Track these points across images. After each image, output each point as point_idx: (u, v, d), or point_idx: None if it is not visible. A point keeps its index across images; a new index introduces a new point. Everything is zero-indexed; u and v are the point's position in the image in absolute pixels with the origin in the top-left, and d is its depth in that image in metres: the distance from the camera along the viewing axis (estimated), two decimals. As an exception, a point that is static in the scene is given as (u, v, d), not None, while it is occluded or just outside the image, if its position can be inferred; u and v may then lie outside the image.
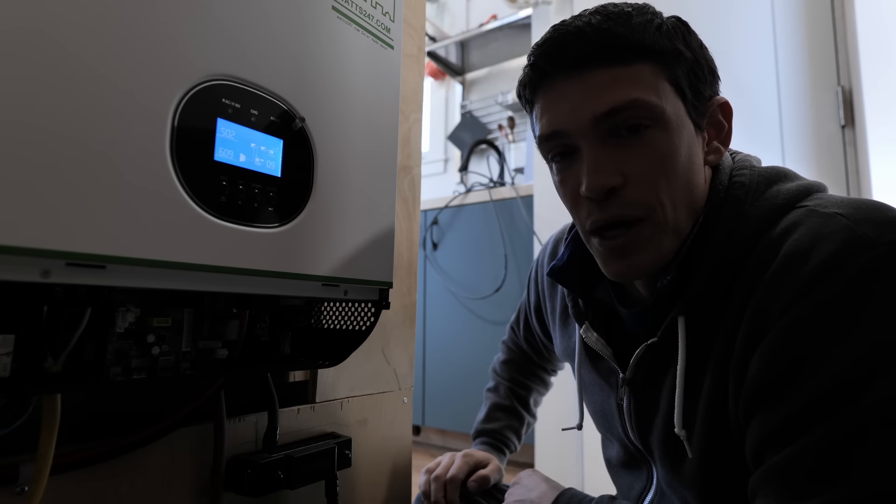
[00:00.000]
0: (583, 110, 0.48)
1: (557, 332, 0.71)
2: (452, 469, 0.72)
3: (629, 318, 0.57)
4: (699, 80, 0.50)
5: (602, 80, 0.47)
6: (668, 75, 0.48)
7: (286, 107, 0.43)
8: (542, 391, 0.90)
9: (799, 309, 0.40)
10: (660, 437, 0.53)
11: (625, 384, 0.56)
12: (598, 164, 0.48)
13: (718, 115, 0.52)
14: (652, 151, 0.47)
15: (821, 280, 0.40)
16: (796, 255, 0.42)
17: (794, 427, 0.39)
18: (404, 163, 0.75)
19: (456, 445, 2.17)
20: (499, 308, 2.06)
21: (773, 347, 0.41)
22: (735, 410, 0.45)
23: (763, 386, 0.42)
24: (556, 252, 0.74)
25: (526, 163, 2.42)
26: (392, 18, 0.54)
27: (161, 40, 0.35)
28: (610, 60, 0.47)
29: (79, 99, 0.31)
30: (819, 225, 0.42)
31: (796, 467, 0.39)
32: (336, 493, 0.56)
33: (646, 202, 0.48)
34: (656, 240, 0.48)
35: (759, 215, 0.47)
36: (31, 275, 0.29)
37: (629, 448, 0.60)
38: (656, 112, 0.47)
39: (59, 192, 0.30)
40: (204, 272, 0.37)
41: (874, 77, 1.49)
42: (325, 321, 0.57)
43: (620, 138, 0.48)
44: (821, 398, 0.38)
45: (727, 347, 0.46)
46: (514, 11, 2.44)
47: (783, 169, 0.51)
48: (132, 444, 0.43)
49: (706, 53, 0.52)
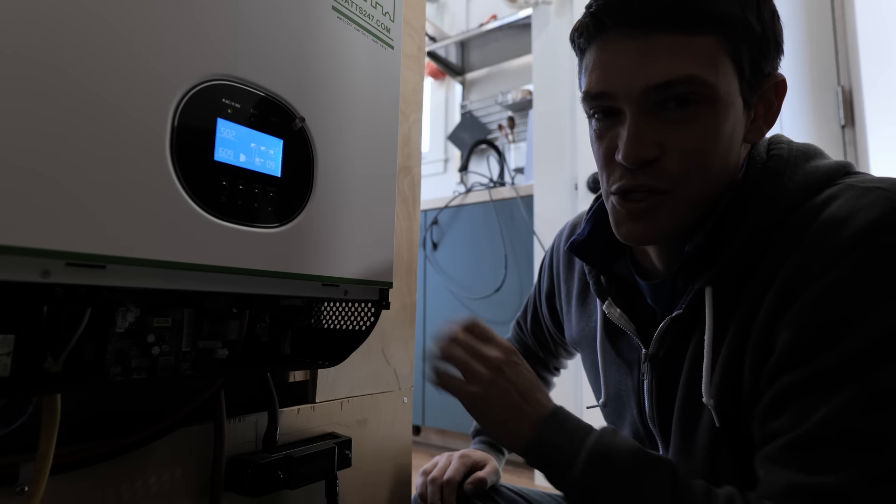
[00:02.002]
0: (636, 77, 0.46)
1: (574, 314, 0.71)
2: (449, 471, 0.72)
3: (650, 291, 0.57)
4: (762, 55, 0.48)
5: (662, 47, 0.45)
6: (731, 50, 0.46)
7: (286, 107, 0.43)
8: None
9: (838, 271, 0.40)
10: (679, 411, 0.53)
11: (647, 360, 0.56)
12: (638, 133, 0.47)
13: (771, 93, 0.50)
14: (695, 128, 0.47)
15: (860, 244, 0.40)
16: (835, 221, 0.42)
17: (827, 381, 0.40)
18: (404, 163, 0.75)
19: (456, 445, 2.17)
20: (499, 308, 2.06)
21: (810, 308, 0.41)
22: (753, 377, 0.46)
23: (797, 346, 0.42)
24: (573, 235, 0.74)
25: (526, 163, 2.42)
26: (392, 18, 0.54)
27: (161, 40, 0.35)
28: (674, 26, 0.45)
29: (78, 99, 0.31)
30: (858, 196, 0.43)
31: (830, 428, 0.39)
32: (336, 493, 0.56)
33: (677, 176, 0.47)
34: (677, 212, 0.49)
35: (798, 188, 0.47)
36: (31, 275, 0.29)
37: (639, 431, 0.60)
38: (710, 91, 0.45)
39: (59, 192, 0.30)
40: (204, 272, 0.37)
41: (874, 77, 1.49)
42: (325, 321, 0.57)
43: (666, 110, 0.47)
44: (858, 356, 0.39)
45: (748, 316, 0.46)
46: (514, 11, 2.44)
47: (815, 146, 0.51)
48: (132, 444, 0.43)
49: (776, 25, 0.49)
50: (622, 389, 0.62)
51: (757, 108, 0.50)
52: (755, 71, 0.48)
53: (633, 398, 0.60)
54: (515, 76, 2.83)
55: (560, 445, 0.48)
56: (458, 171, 2.69)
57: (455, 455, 0.75)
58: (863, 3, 1.51)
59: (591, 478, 0.46)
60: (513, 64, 2.84)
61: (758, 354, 0.45)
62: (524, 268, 2.00)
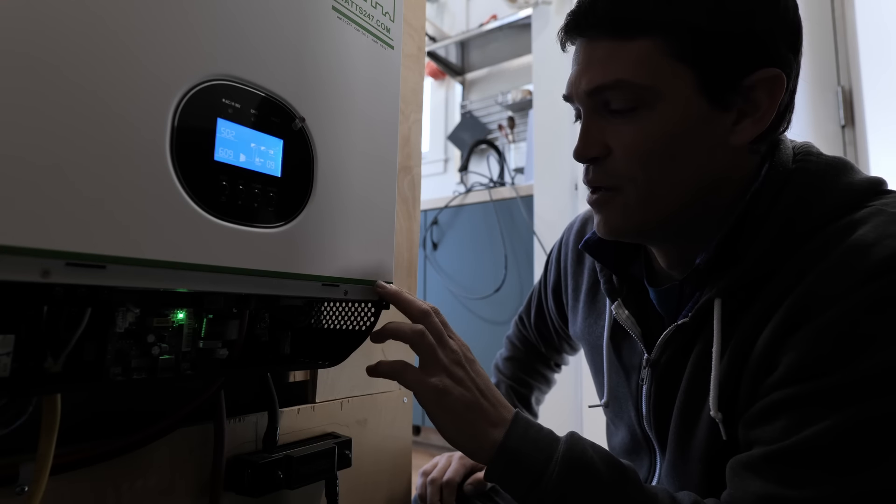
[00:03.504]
0: (581, 82, 0.51)
1: (581, 310, 0.70)
2: (449, 472, 0.72)
3: (657, 297, 0.57)
4: (726, 53, 0.46)
5: (601, 55, 0.49)
6: (674, 50, 0.46)
7: (286, 107, 0.43)
8: (545, 389, 0.89)
9: (856, 298, 0.40)
10: (678, 420, 0.53)
11: (648, 366, 0.56)
12: (586, 133, 0.51)
13: (760, 90, 0.47)
14: (637, 129, 0.48)
15: (882, 273, 0.40)
16: (860, 248, 0.41)
17: (825, 400, 0.40)
18: (404, 163, 0.75)
19: (456, 445, 2.16)
20: (499, 308, 2.06)
21: (822, 331, 0.41)
22: (750, 391, 0.45)
23: (802, 365, 0.41)
24: (583, 230, 0.74)
25: (526, 163, 2.42)
26: (392, 18, 0.54)
27: (161, 40, 0.35)
28: (611, 33, 0.48)
29: (78, 99, 0.31)
30: (886, 222, 0.42)
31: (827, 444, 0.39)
32: (336, 493, 0.56)
33: (623, 175, 0.50)
34: (633, 209, 0.50)
35: (827, 208, 0.46)
36: (31, 275, 0.29)
37: (636, 434, 0.60)
38: (645, 93, 0.47)
39: (59, 193, 0.30)
40: (204, 272, 0.37)
41: (874, 77, 1.49)
42: (325, 321, 0.57)
43: (610, 113, 0.49)
44: (861, 381, 0.39)
45: (753, 331, 0.46)
46: (514, 11, 2.44)
47: (845, 159, 0.50)
48: (132, 444, 0.43)
49: (753, 23, 0.46)
50: (620, 392, 0.62)
51: (743, 107, 0.48)
52: (723, 69, 0.46)
53: (630, 401, 0.60)
54: (515, 76, 2.83)
55: (528, 453, 0.46)
56: (458, 171, 2.69)
57: (455, 455, 0.75)
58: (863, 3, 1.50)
59: (565, 486, 0.44)
60: (513, 64, 2.84)
61: (759, 370, 0.45)
62: (524, 268, 2.00)
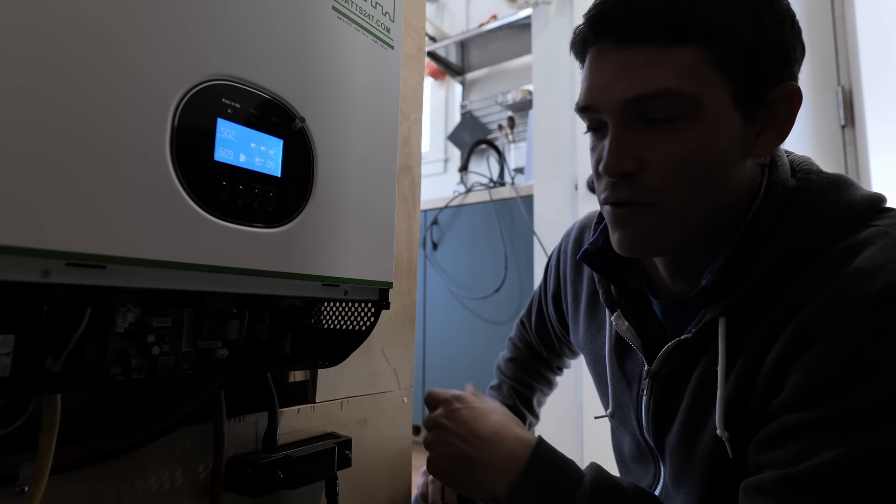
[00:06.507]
0: (615, 90, 0.46)
1: (583, 319, 0.70)
2: None
3: (661, 310, 0.56)
4: (762, 65, 0.45)
5: (640, 60, 0.45)
6: (719, 61, 0.44)
7: (286, 107, 0.43)
8: (547, 391, 0.89)
9: (861, 322, 0.39)
10: (676, 436, 0.52)
11: (648, 377, 0.55)
12: (619, 146, 0.47)
13: (782, 104, 0.47)
14: (676, 141, 0.46)
15: (887, 299, 0.39)
16: (865, 272, 0.41)
17: (835, 427, 0.39)
18: (404, 163, 0.75)
19: (456, 445, 2.16)
20: (499, 308, 2.06)
21: (828, 354, 0.40)
22: (758, 411, 0.45)
23: (810, 389, 0.41)
24: (581, 238, 0.73)
25: (526, 163, 2.42)
26: (392, 18, 0.54)
27: (161, 40, 0.35)
28: (654, 39, 0.45)
29: (79, 99, 0.31)
30: (892, 246, 0.42)
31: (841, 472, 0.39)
32: (336, 493, 0.56)
33: (658, 190, 0.47)
34: (663, 225, 0.48)
35: (829, 227, 0.45)
36: (31, 275, 0.29)
37: (640, 443, 0.60)
38: (690, 103, 0.45)
39: (59, 192, 0.30)
40: (204, 272, 0.37)
41: (874, 77, 1.49)
42: (325, 321, 0.57)
43: (647, 123, 0.46)
44: (869, 408, 0.38)
45: (760, 351, 0.45)
46: (514, 11, 2.44)
47: (845, 176, 0.49)
48: (132, 444, 0.43)
49: (783, 33, 0.46)
50: (623, 401, 0.62)
51: (764, 122, 0.48)
52: (755, 82, 0.46)
53: (632, 410, 0.60)
54: (515, 76, 2.83)
55: (556, 483, 0.51)
56: (458, 171, 2.69)
57: (455, 455, 0.75)
58: (863, 3, 1.50)
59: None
60: (513, 64, 2.84)
61: (766, 391, 0.44)
62: (524, 268, 2.00)
